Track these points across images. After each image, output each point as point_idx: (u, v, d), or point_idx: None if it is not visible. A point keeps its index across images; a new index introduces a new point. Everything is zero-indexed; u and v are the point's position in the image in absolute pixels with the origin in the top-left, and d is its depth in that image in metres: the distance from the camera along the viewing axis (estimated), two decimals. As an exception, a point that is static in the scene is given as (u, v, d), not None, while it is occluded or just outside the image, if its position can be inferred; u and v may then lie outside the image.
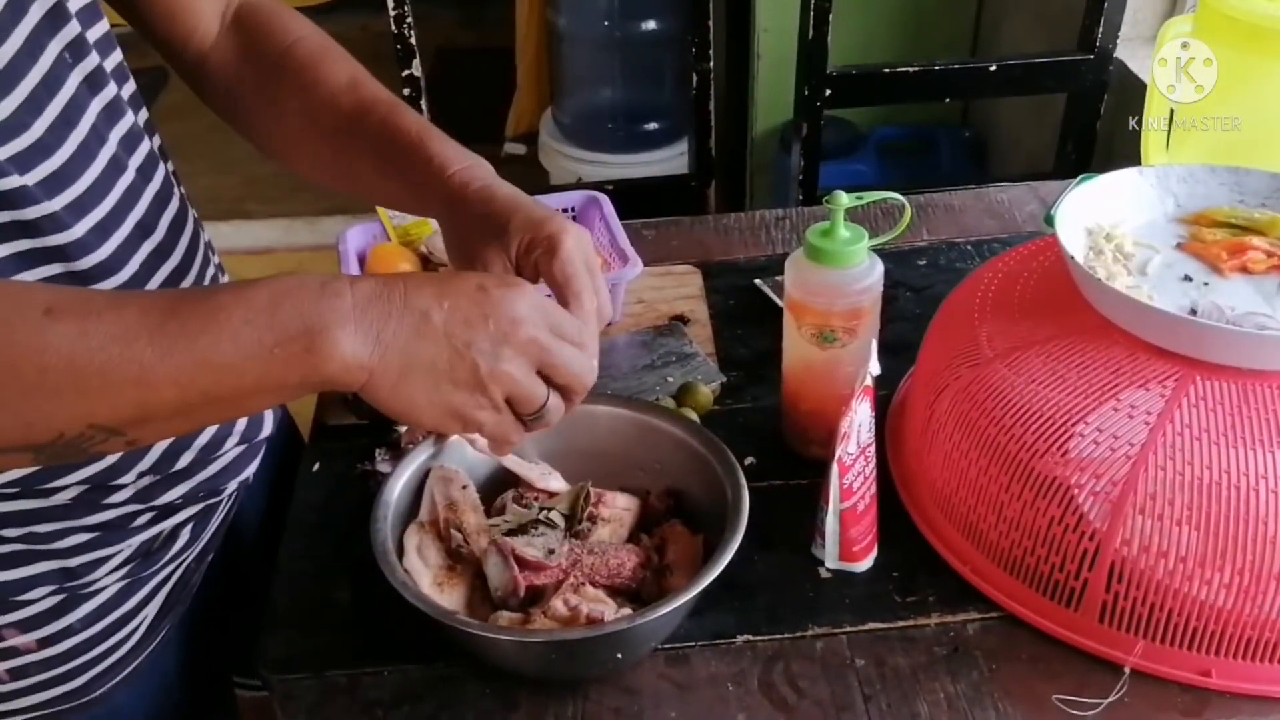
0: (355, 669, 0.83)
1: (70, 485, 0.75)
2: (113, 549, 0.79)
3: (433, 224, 1.25)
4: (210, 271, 0.87)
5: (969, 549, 0.87)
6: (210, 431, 0.83)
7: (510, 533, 0.82)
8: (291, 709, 0.82)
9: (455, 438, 0.88)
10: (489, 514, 0.87)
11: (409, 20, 1.82)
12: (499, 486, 0.89)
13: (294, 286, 0.62)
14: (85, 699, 0.82)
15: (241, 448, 0.87)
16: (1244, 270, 0.86)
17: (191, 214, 0.86)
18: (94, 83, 0.74)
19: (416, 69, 1.85)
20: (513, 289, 0.66)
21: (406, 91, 1.87)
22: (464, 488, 0.86)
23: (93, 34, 0.75)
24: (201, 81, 0.90)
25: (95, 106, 0.74)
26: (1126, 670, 0.79)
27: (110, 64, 0.77)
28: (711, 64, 2.05)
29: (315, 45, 0.88)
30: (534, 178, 3.05)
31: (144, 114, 0.82)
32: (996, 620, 0.84)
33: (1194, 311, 0.83)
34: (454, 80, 3.70)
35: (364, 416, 1.03)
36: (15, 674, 0.78)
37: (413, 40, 1.83)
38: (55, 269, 0.70)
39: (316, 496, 0.99)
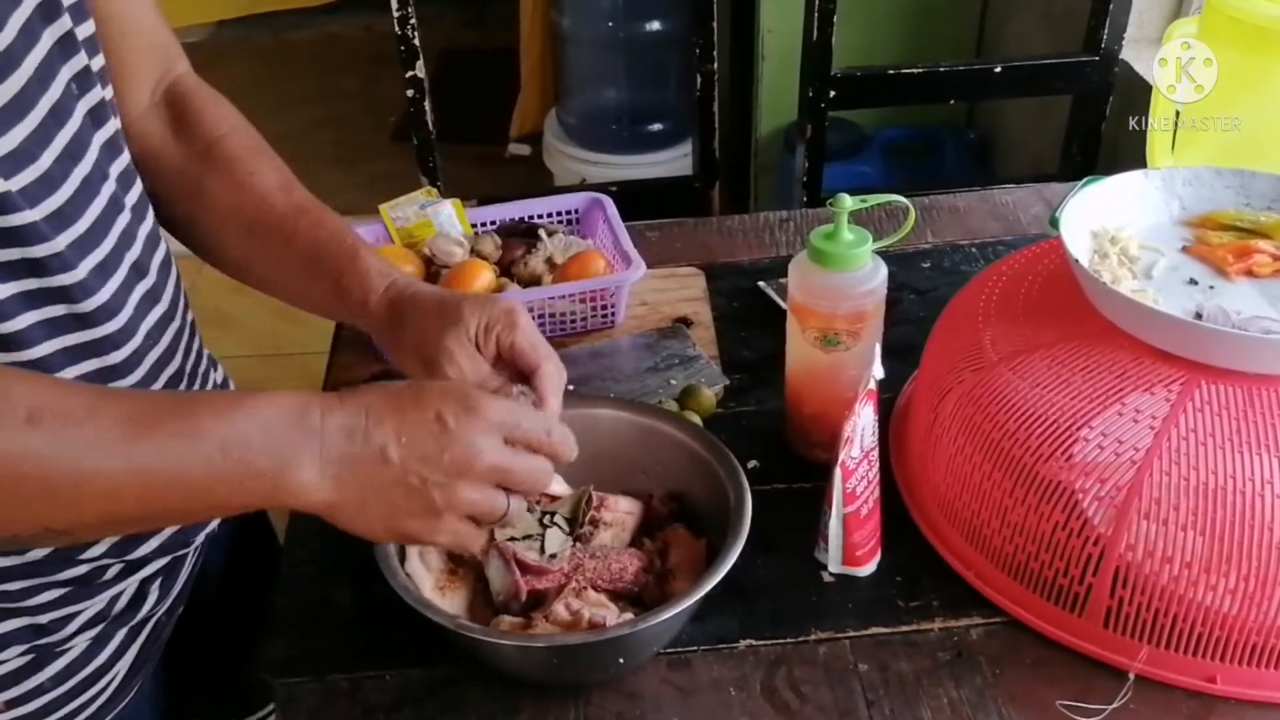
0: (356, 672, 0.83)
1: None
2: (82, 605, 0.79)
3: (435, 224, 1.25)
4: (190, 317, 0.87)
5: (972, 553, 0.86)
6: None
7: (511, 538, 0.81)
8: (293, 712, 0.81)
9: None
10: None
11: (413, 21, 1.81)
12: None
13: (271, 420, 0.63)
14: None
15: None
16: (1250, 274, 0.86)
17: (174, 259, 0.85)
18: (97, 116, 0.74)
19: (420, 70, 1.85)
20: (471, 415, 0.66)
21: (410, 92, 1.87)
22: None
23: (95, 64, 0.74)
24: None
25: (97, 141, 0.74)
26: (1131, 676, 0.79)
27: (110, 97, 0.76)
28: (716, 65, 2.05)
29: (248, 141, 0.88)
30: (538, 179, 3.05)
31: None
32: (1000, 625, 0.84)
33: (1199, 315, 0.82)
34: (458, 81, 3.70)
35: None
36: None
37: (416, 41, 1.83)
38: (59, 310, 0.70)
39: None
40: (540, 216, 1.30)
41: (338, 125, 3.62)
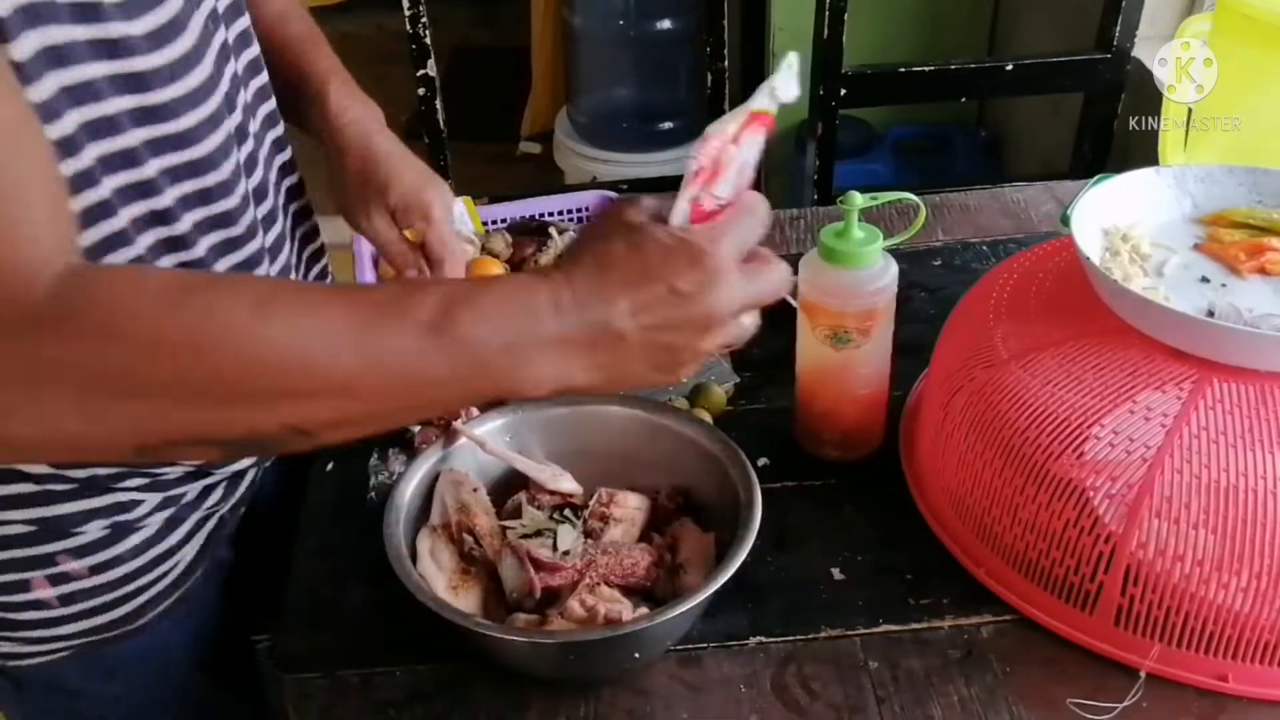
0: (368, 668, 0.83)
1: None
2: (157, 495, 0.84)
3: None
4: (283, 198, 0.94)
5: (983, 551, 0.86)
6: None
7: (523, 535, 0.81)
8: (304, 708, 0.82)
9: (463, 440, 0.88)
10: (500, 516, 0.87)
11: (424, 20, 1.82)
12: (510, 489, 0.89)
13: (495, 311, 0.60)
14: (129, 627, 0.87)
15: None
16: (1262, 271, 0.86)
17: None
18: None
19: (431, 69, 1.85)
20: (707, 277, 0.62)
21: (422, 91, 1.87)
22: (474, 490, 0.86)
23: None
24: None
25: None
26: (1142, 674, 0.79)
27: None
28: (726, 63, 2.04)
29: None
30: (549, 176, 3.05)
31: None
32: (1011, 623, 0.84)
33: (1211, 313, 0.82)
34: (469, 79, 3.71)
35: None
36: (65, 600, 0.83)
37: (428, 40, 1.83)
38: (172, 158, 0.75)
39: (329, 495, 0.99)
40: (550, 214, 1.30)
41: (349, 124, 3.62)
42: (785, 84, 0.67)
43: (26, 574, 0.81)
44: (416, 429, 0.99)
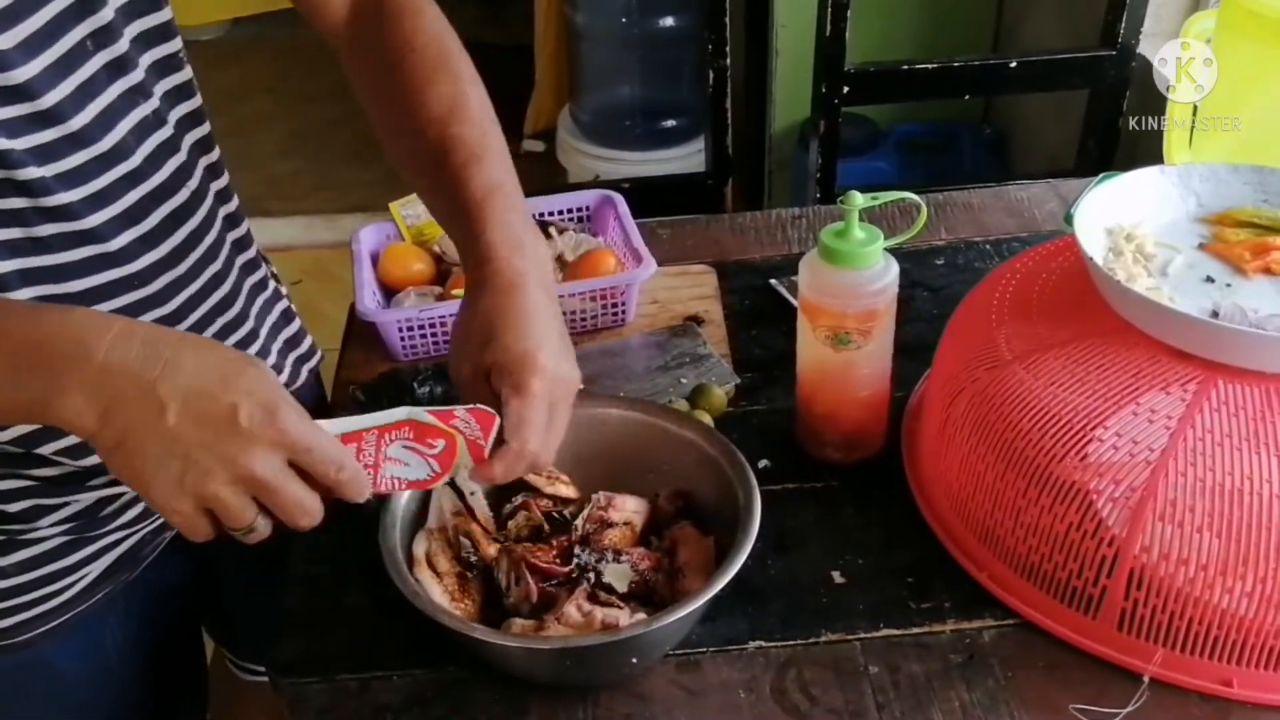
0: (365, 673, 0.83)
1: (4, 442, 0.77)
2: (57, 500, 0.81)
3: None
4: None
5: (985, 554, 0.85)
6: None
7: (519, 539, 0.81)
8: (301, 712, 0.81)
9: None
10: (497, 521, 0.86)
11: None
12: (507, 493, 0.88)
13: (50, 340, 0.62)
14: (9, 642, 0.84)
15: None
16: (1267, 271, 0.85)
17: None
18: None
19: (433, 67, 1.85)
20: (266, 421, 0.62)
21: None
22: (472, 494, 0.85)
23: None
24: (336, 51, 0.91)
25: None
26: (1146, 679, 0.78)
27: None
28: (729, 61, 2.04)
29: (431, 57, 0.84)
30: (552, 175, 3.04)
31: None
32: (1013, 627, 0.83)
33: (1216, 314, 0.81)
34: (473, 77, 3.70)
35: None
36: None
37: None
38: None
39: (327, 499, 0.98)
40: (552, 213, 1.30)
41: (353, 122, 3.61)
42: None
43: None
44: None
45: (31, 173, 0.71)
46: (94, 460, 0.80)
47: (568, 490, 0.87)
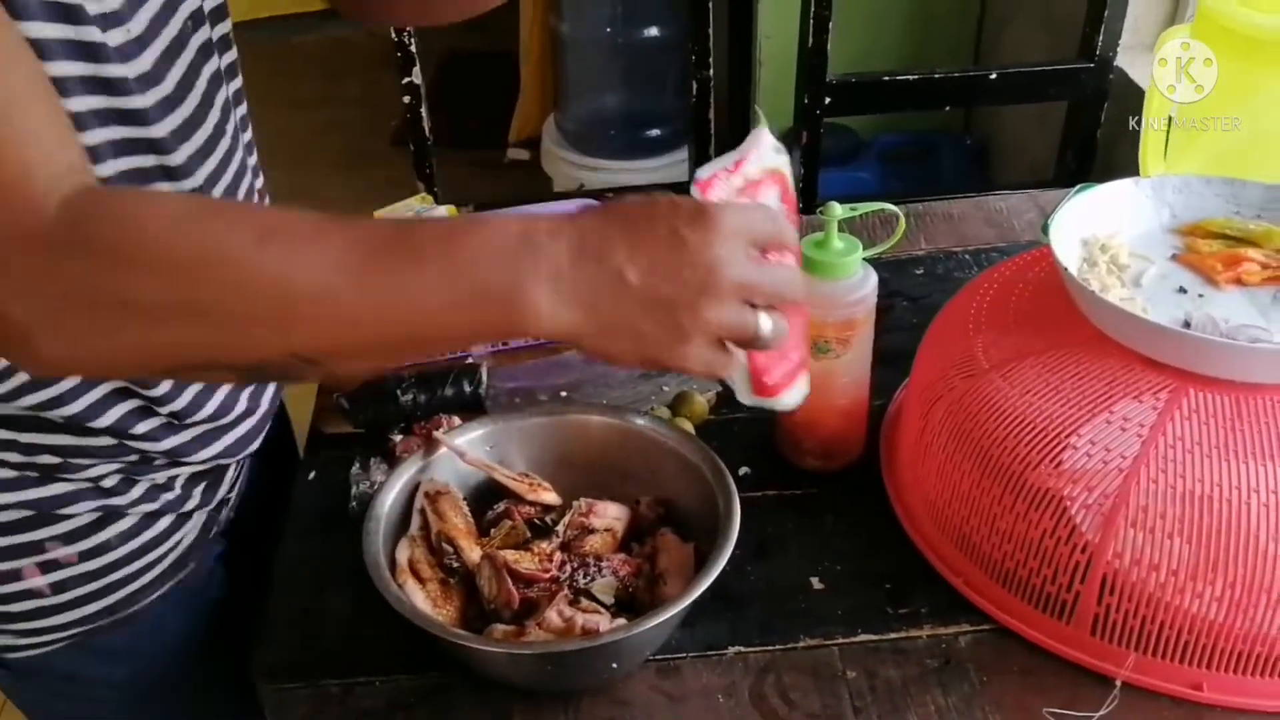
0: (348, 678, 0.83)
1: (103, 430, 0.79)
2: (142, 478, 0.84)
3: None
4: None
5: (962, 560, 0.87)
6: (217, 401, 0.86)
7: (501, 546, 0.82)
8: (284, 717, 0.82)
9: (444, 450, 0.88)
10: (479, 527, 0.87)
11: (410, 28, 1.82)
12: (489, 499, 0.89)
13: (494, 240, 0.59)
14: (122, 614, 0.87)
15: (250, 421, 0.91)
16: (1239, 282, 0.86)
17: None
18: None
19: (417, 76, 1.85)
20: (709, 227, 0.60)
21: (407, 99, 1.87)
22: (454, 500, 0.86)
23: None
24: None
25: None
26: (1118, 683, 0.79)
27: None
28: (712, 71, 2.04)
29: None
30: (536, 183, 3.05)
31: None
32: (988, 632, 0.84)
33: (1188, 324, 0.82)
34: (458, 85, 3.70)
35: (360, 425, 1.03)
36: (56, 588, 0.83)
37: (413, 47, 1.83)
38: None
39: (312, 505, 0.99)
40: (535, 223, 1.30)
41: (340, 130, 3.62)
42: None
43: (17, 562, 0.81)
44: (398, 438, 0.99)
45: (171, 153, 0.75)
46: (174, 443, 0.84)
47: (550, 497, 0.88)
